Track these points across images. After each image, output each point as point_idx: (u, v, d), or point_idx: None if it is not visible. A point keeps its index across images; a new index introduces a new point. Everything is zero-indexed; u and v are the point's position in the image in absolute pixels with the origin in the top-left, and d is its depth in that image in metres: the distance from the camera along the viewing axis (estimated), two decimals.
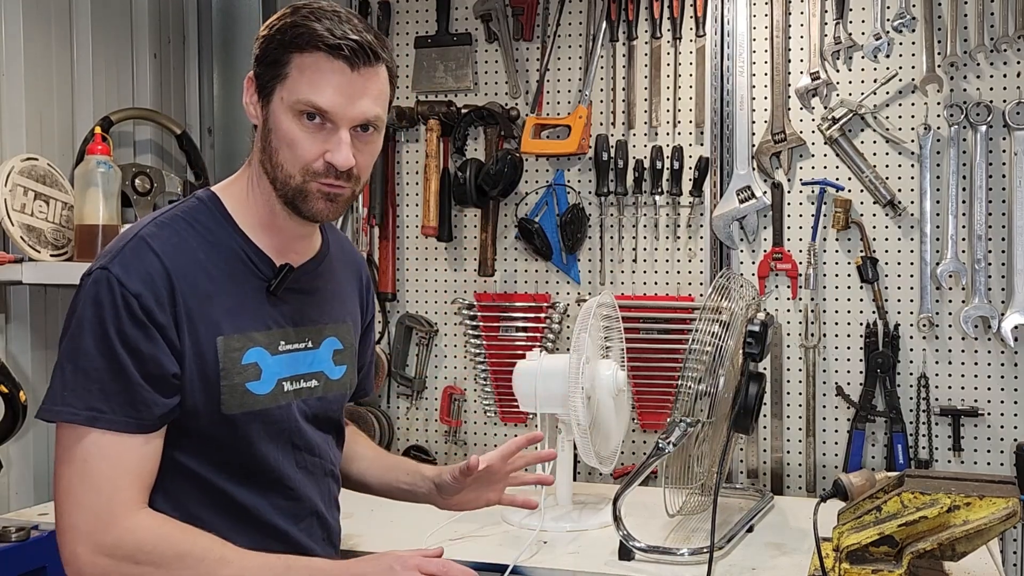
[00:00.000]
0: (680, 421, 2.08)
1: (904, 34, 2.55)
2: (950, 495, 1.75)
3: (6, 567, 2.12)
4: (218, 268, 1.51)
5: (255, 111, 1.52)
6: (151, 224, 1.51)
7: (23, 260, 2.34)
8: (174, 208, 1.56)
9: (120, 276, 1.42)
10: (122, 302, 1.41)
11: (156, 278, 1.44)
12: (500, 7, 2.83)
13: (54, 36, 2.53)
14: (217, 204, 1.56)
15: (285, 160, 1.49)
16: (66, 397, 1.41)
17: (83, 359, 1.41)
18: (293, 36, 1.46)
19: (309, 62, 1.46)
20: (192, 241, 1.51)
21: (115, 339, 1.40)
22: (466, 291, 2.89)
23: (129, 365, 1.41)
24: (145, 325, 1.42)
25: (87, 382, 1.40)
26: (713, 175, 2.68)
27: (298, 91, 1.46)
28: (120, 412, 1.41)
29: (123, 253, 1.45)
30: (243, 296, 1.53)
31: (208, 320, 1.48)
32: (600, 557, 2.08)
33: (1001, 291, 2.50)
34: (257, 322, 1.54)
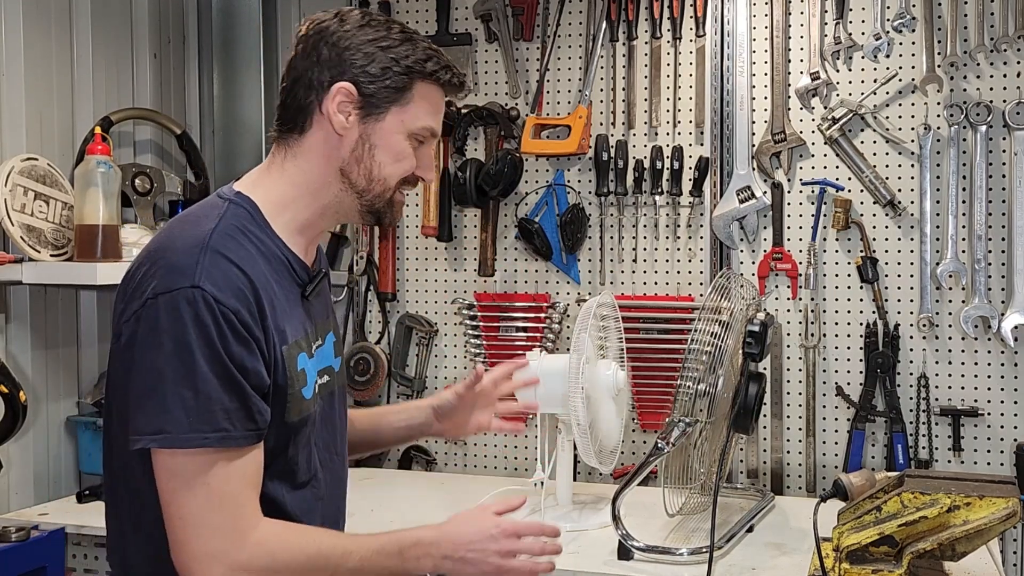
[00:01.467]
0: (679, 421, 2.08)
1: (904, 34, 2.55)
2: (950, 495, 1.75)
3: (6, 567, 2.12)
4: (272, 276, 1.50)
5: (347, 122, 1.50)
6: (216, 234, 1.44)
7: (23, 260, 2.34)
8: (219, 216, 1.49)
9: (215, 294, 1.38)
10: (224, 320, 1.38)
11: (246, 291, 1.41)
12: (500, 7, 2.83)
13: (54, 36, 2.53)
14: (256, 209, 1.53)
15: (388, 174, 1.53)
16: (193, 423, 1.36)
17: (200, 382, 1.36)
18: (421, 66, 1.51)
19: (431, 92, 1.53)
20: (251, 249, 1.47)
21: (226, 358, 1.37)
22: (466, 291, 2.89)
23: (243, 381, 1.39)
24: (247, 340, 1.40)
25: (210, 404, 1.36)
26: (713, 175, 2.68)
27: (422, 119, 1.53)
28: (242, 428, 1.39)
29: (205, 268, 1.39)
30: (289, 302, 1.53)
31: (276, 329, 1.47)
32: (600, 557, 2.08)
33: (1001, 291, 2.50)
34: (299, 328, 1.54)
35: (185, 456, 1.36)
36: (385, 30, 1.51)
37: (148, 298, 1.38)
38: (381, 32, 1.51)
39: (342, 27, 1.50)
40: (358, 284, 2.97)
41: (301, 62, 1.51)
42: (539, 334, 2.80)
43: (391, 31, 1.51)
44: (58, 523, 2.29)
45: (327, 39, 1.49)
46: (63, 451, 2.57)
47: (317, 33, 1.50)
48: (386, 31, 1.51)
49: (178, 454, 1.36)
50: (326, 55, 1.49)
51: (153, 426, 1.36)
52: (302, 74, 1.51)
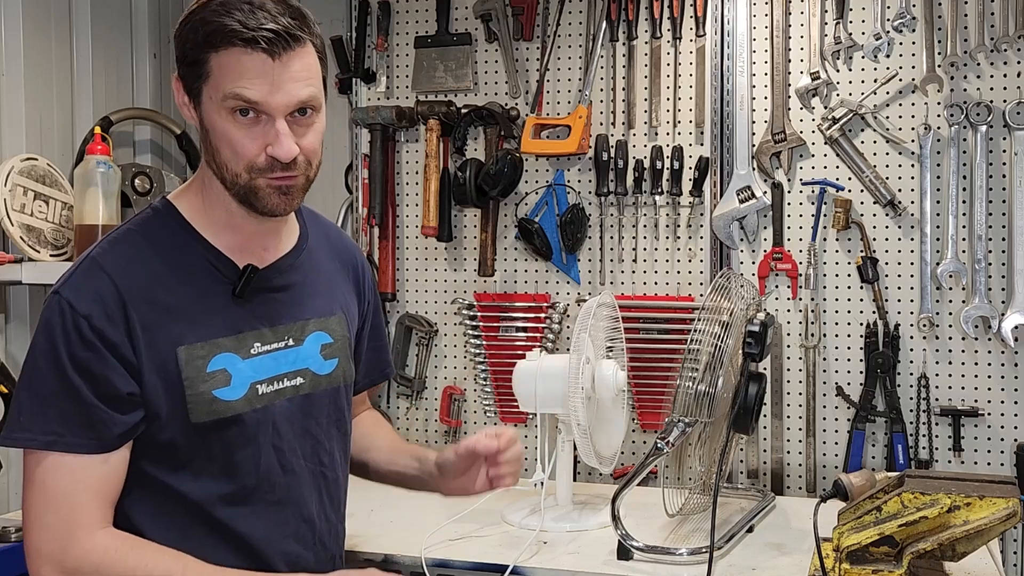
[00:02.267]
0: (678, 421, 2.08)
1: (904, 34, 2.55)
2: (950, 495, 1.75)
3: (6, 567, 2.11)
4: (177, 278, 1.50)
5: (189, 112, 1.49)
6: (104, 242, 1.51)
7: (23, 260, 2.34)
8: (128, 222, 1.55)
9: (71, 299, 1.43)
10: (72, 325, 1.42)
11: (107, 297, 1.44)
12: (500, 7, 2.82)
13: (54, 36, 2.53)
14: (172, 212, 1.53)
15: (228, 160, 1.46)
16: (23, 423, 1.43)
17: (38, 383, 1.42)
18: (206, 35, 1.41)
19: (227, 59, 1.41)
20: (146, 253, 1.49)
21: (67, 362, 1.41)
22: (466, 291, 2.89)
23: (83, 387, 1.41)
24: (95, 346, 1.42)
25: (43, 406, 1.42)
26: (713, 175, 2.68)
27: (223, 88, 1.42)
28: (78, 434, 1.41)
29: (75, 276, 1.46)
30: (208, 303, 1.51)
31: (167, 332, 1.47)
32: (600, 557, 2.08)
33: (1001, 291, 2.50)
34: (224, 327, 1.52)
35: (27, 455, 1.43)
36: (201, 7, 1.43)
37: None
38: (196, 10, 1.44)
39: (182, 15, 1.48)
40: None
41: None
42: (539, 334, 2.80)
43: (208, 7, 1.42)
44: None
45: None
46: None
47: None
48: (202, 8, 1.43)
49: (25, 453, 1.43)
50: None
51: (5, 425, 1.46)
52: None
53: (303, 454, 1.61)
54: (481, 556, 2.10)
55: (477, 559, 2.09)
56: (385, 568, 1.96)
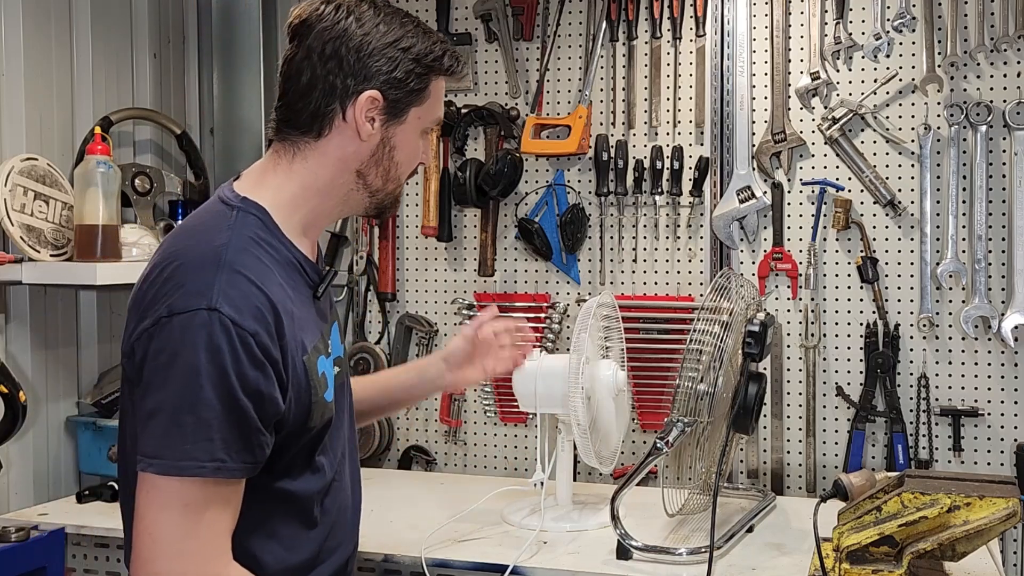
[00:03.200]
0: (677, 421, 2.08)
1: (904, 34, 2.55)
2: (950, 495, 1.75)
3: (6, 567, 2.12)
4: (288, 284, 1.46)
5: (371, 127, 1.48)
6: (231, 250, 1.40)
7: (23, 260, 2.34)
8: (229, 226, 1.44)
9: (233, 316, 1.33)
10: (240, 344, 1.33)
11: (265, 312, 1.37)
12: (500, 7, 2.82)
13: (54, 36, 2.53)
14: (266, 214, 1.48)
15: (403, 171, 1.55)
16: (189, 451, 1.32)
17: (204, 409, 1.32)
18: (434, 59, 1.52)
19: (441, 85, 1.56)
20: (267, 262, 1.43)
21: (237, 385, 1.33)
22: (466, 291, 2.89)
23: (250, 410, 1.34)
24: (264, 364, 1.36)
25: (209, 432, 1.32)
26: (713, 175, 2.68)
27: (435, 112, 1.56)
28: (238, 459, 1.35)
29: (222, 288, 1.35)
30: (304, 307, 1.49)
31: (296, 342, 1.43)
32: (600, 557, 2.08)
33: (1001, 291, 2.50)
34: (315, 331, 1.51)
35: (177, 481, 1.32)
36: (400, 26, 1.49)
37: (162, 316, 1.34)
38: (397, 30, 1.49)
39: (360, 28, 1.46)
40: (358, 284, 2.97)
41: (317, 66, 1.46)
42: (539, 334, 2.80)
43: (406, 27, 1.50)
44: (58, 523, 2.29)
45: (347, 43, 1.46)
46: (63, 451, 2.57)
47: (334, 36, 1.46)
48: (401, 28, 1.49)
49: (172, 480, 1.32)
50: (349, 62, 1.46)
51: (152, 450, 1.33)
52: (320, 80, 1.46)
53: (348, 437, 1.66)
54: (481, 556, 2.10)
55: (477, 559, 2.09)
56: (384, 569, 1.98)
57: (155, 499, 1.33)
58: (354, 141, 1.49)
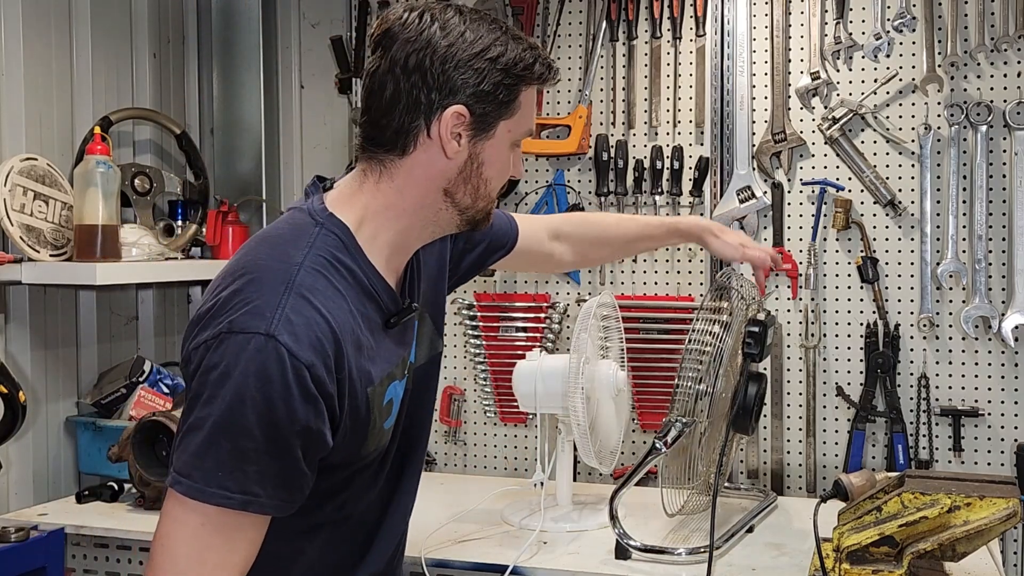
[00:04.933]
0: (676, 421, 2.08)
1: (904, 34, 2.55)
2: (950, 495, 1.75)
3: (6, 567, 2.12)
4: (360, 312, 1.38)
5: (458, 145, 1.39)
6: (303, 271, 1.33)
7: (22, 260, 2.34)
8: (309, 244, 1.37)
9: (290, 346, 1.26)
10: (293, 376, 1.26)
11: (326, 343, 1.29)
12: (500, 7, 2.82)
13: (54, 36, 2.53)
14: (350, 236, 1.40)
15: (494, 188, 1.45)
16: (221, 478, 1.25)
17: (244, 438, 1.25)
18: (523, 69, 1.41)
19: (531, 94, 1.45)
20: (341, 287, 1.36)
21: (284, 419, 1.26)
22: (466, 291, 2.89)
23: (295, 446, 1.28)
24: (316, 399, 1.28)
25: (245, 463, 1.25)
26: (713, 175, 2.68)
27: (526, 124, 1.45)
28: (274, 496, 1.28)
29: (285, 315, 1.28)
30: (376, 335, 1.42)
31: (363, 372, 1.37)
32: (599, 557, 2.08)
33: (1001, 291, 2.50)
34: (390, 360, 1.45)
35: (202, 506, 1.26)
36: (488, 33, 1.39)
37: (222, 331, 1.28)
38: (484, 38, 1.38)
39: (445, 38, 1.37)
40: None
41: (401, 80, 1.37)
42: (539, 334, 2.80)
43: (494, 34, 1.39)
44: (58, 523, 2.29)
45: (431, 55, 1.36)
46: (63, 451, 2.57)
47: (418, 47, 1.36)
48: (489, 35, 1.39)
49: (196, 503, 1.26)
50: (434, 75, 1.36)
51: (182, 467, 1.27)
52: (404, 94, 1.37)
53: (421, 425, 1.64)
54: (481, 556, 2.10)
55: (477, 559, 2.09)
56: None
57: (178, 512, 1.27)
58: (440, 159, 1.39)
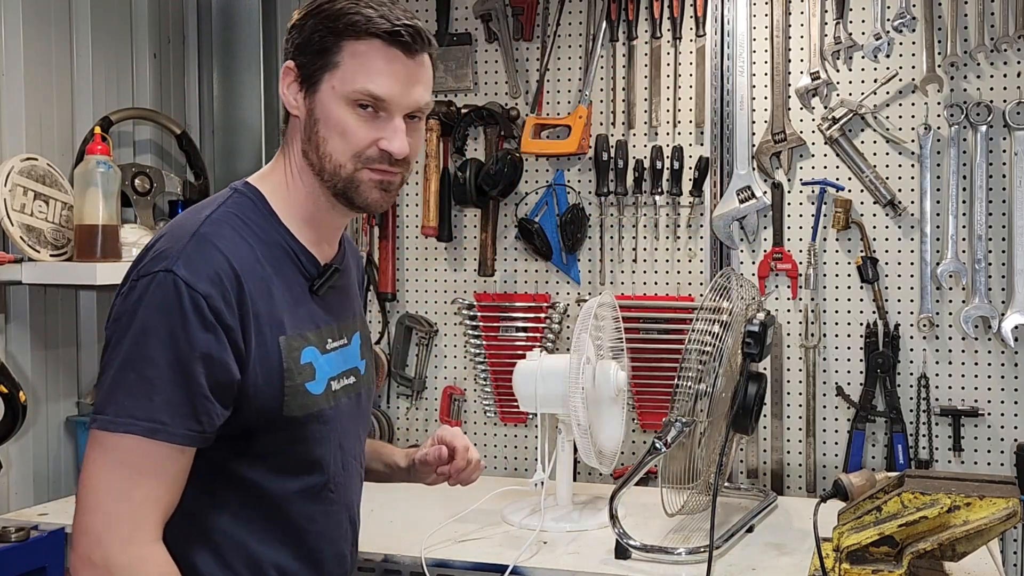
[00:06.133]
0: (676, 421, 2.08)
1: (904, 34, 2.55)
2: (950, 495, 1.75)
3: (6, 567, 2.12)
4: (272, 266, 1.46)
5: (295, 101, 1.47)
6: (208, 222, 1.42)
7: (23, 260, 2.34)
8: (222, 204, 1.47)
9: (187, 277, 1.34)
10: (191, 305, 1.33)
11: (224, 277, 1.37)
12: (500, 7, 2.82)
13: (54, 36, 2.53)
14: (261, 198, 1.49)
15: (335, 150, 1.45)
16: (129, 407, 1.32)
17: (148, 367, 1.33)
18: (347, 23, 1.42)
19: (363, 49, 1.43)
20: (248, 238, 1.44)
21: (184, 346, 1.33)
22: (466, 291, 2.89)
23: (198, 374, 1.34)
24: (215, 327, 1.35)
25: (152, 392, 1.33)
26: (713, 175, 2.68)
27: (353, 80, 1.43)
28: (182, 424, 1.34)
29: (186, 253, 1.37)
30: (295, 295, 1.49)
31: (273, 319, 1.43)
32: (599, 557, 2.08)
33: (1001, 291, 2.50)
34: (308, 321, 1.50)
35: (115, 438, 1.33)
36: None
37: (132, 280, 1.38)
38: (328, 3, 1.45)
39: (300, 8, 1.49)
40: None
41: None
42: (539, 334, 2.80)
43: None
44: (58, 523, 2.28)
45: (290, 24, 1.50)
46: (63, 451, 2.57)
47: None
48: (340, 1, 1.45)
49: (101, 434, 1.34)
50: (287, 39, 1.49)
51: (98, 406, 1.35)
52: None
53: (354, 454, 1.63)
54: (481, 556, 2.10)
55: (477, 559, 2.09)
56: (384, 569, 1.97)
57: (96, 454, 1.34)
58: (295, 119, 1.48)
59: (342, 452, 1.57)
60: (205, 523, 1.45)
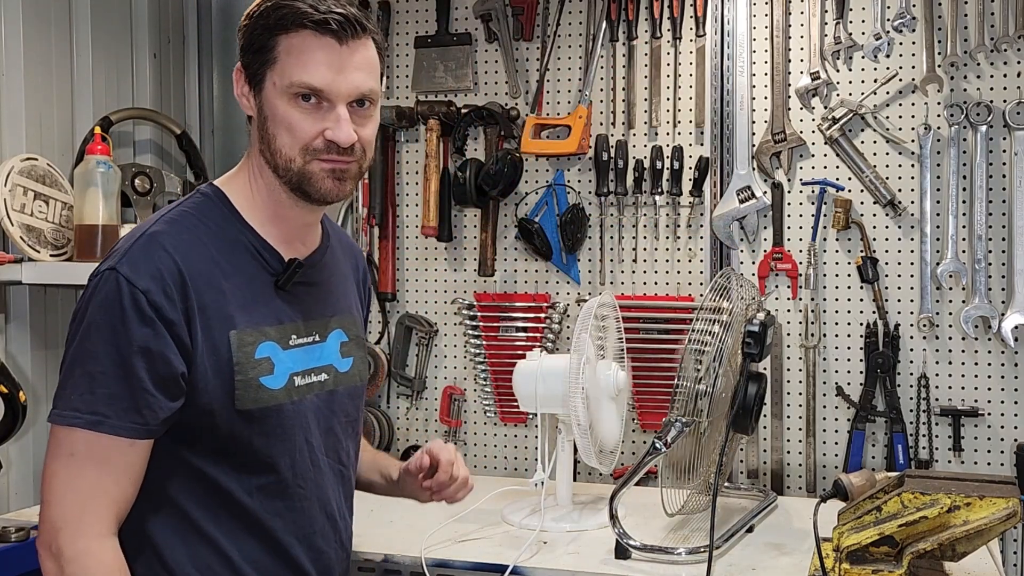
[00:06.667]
0: (676, 421, 2.08)
1: (904, 34, 2.55)
2: (950, 495, 1.75)
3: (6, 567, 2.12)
4: (230, 263, 1.50)
5: (248, 102, 1.52)
6: (160, 222, 1.49)
7: (23, 260, 2.34)
8: (180, 205, 1.54)
9: (128, 275, 1.40)
10: (130, 301, 1.39)
11: (166, 274, 1.42)
12: (500, 7, 2.82)
13: (54, 36, 2.53)
14: (223, 198, 1.55)
15: (284, 144, 1.48)
16: (73, 400, 1.40)
17: (91, 362, 1.39)
18: (277, 18, 1.46)
19: (296, 42, 1.46)
20: (203, 237, 1.49)
21: (124, 340, 1.39)
22: (466, 291, 2.89)
23: (139, 367, 1.39)
24: (154, 322, 1.40)
25: (93, 385, 1.39)
26: (713, 175, 2.68)
27: (290, 74, 1.46)
28: (124, 417, 1.39)
29: (131, 252, 1.43)
30: (254, 290, 1.53)
31: (222, 314, 1.47)
32: (599, 557, 2.08)
33: (1001, 291, 2.50)
34: (268, 316, 1.53)
35: (60, 430, 1.41)
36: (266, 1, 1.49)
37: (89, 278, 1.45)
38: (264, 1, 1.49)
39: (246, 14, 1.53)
40: None
41: None
42: (539, 334, 2.80)
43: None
44: None
45: None
46: None
47: None
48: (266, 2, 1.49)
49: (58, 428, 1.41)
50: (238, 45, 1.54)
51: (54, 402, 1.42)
52: None
53: (327, 451, 1.63)
54: (481, 556, 2.10)
55: (477, 559, 2.09)
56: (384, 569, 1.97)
57: (51, 447, 1.42)
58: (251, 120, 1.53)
59: (310, 448, 1.58)
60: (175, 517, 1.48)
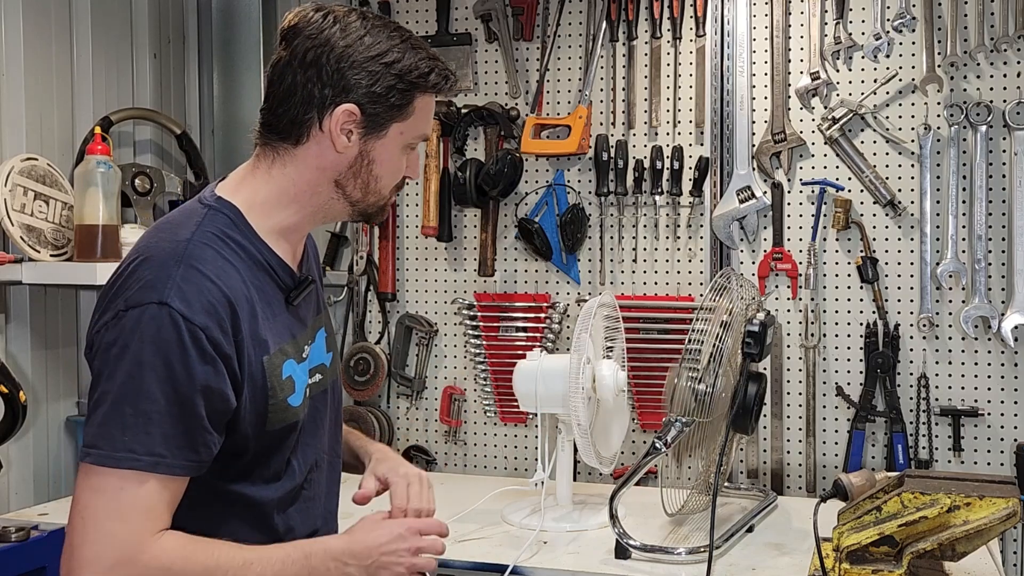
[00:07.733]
0: (676, 420, 2.08)
1: (904, 34, 2.55)
2: (950, 495, 1.75)
3: (6, 567, 2.12)
4: (254, 284, 1.46)
5: (348, 141, 1.47)
6: (190, 244, 1.41)
7: (23, 260, 2.34)
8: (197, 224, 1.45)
9: (182, 310, 1.34)
10: (190, 338, 1.34)
11: (219, 307, 1.37)
12: (500, 7, 2.82)
13: (54, 36, 2.53)
14: (238, 214, 1.48)
15: (384, 185, 1.53)
16: (127, 442, 1.32)
17: (145, 401, 1.33)
18: (419, 75, 1.48)
19: (428, 101, 1.52)
20: (231, 259, 1.44)
21: (183, 379, 1.33)
22: (466, 291, 2.89)
23: (198, 406, 1.35)
24: (215, 360, 1.36)
25: (148, 426, 1.33)
26: (713, 175, 2.68)
27: (419, 128, 1.53)
28: (180, 456, 1.35)
29: (176, 283, 1.36)
30: (273, 309, 1.50)
31: (257, 340, 1.43)
32: (599, 557, 2.08)
33: (1001, 291, 2.50)
34: (284, 333, 1.51)
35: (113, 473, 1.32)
36: (386, 39, 1.46)
37: (120, 310, 1.36)
38: (383, 44, 1.46)
39: (344, 39, 1.44)
40: (358, 284, 2.97)
41: (298, 73, 1.45)
42: (539, 334, 2.80)
43: (392, 41, 1.46)
44: (58, 523, 2.28)
45: (328, 53, 1.44)
46: (63, 451, 2.58)
47: (316, 44, 1.44)
48: (387, 41, 1.46)
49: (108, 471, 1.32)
50: (328, 72, 1.44)
51: (90, 439, 1.34)
52: (299, 87, 1.45)
53: (325, 447, 1.64)
54: (481, 556, 2.10)
55: (477, 559, 2.09)
56: None
57: (90, 485, 1.33)
58: (331, 152, 1.48)
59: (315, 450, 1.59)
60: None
